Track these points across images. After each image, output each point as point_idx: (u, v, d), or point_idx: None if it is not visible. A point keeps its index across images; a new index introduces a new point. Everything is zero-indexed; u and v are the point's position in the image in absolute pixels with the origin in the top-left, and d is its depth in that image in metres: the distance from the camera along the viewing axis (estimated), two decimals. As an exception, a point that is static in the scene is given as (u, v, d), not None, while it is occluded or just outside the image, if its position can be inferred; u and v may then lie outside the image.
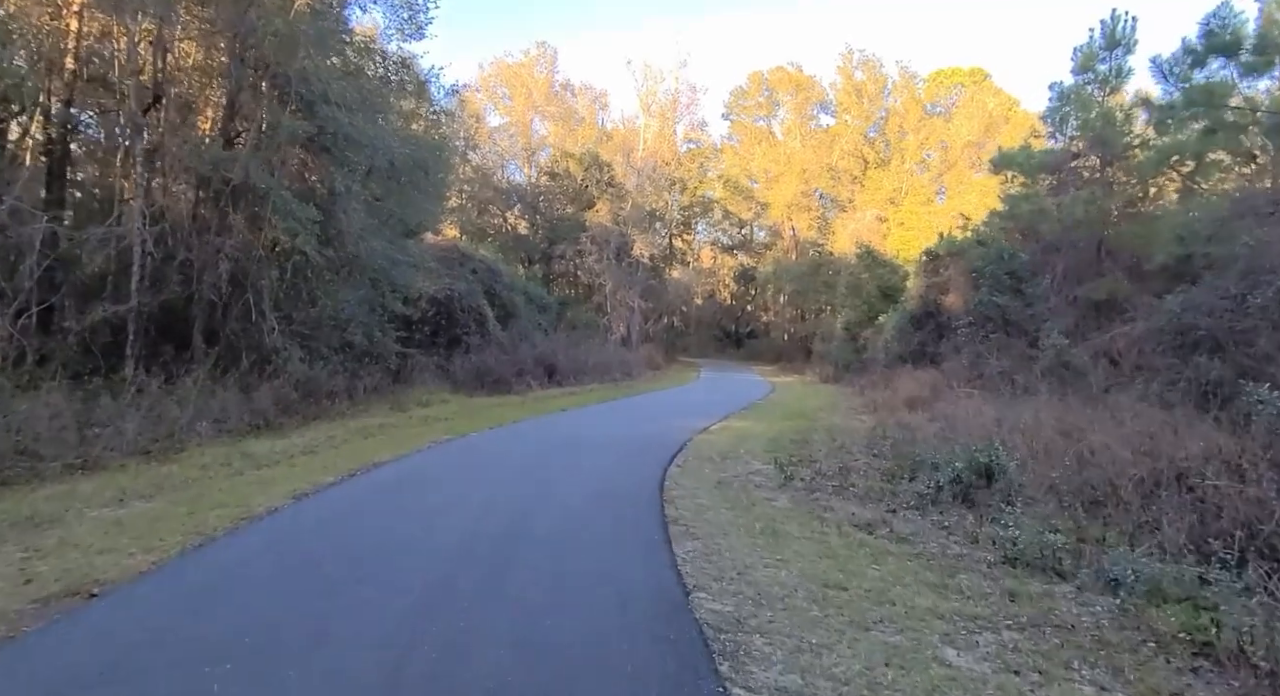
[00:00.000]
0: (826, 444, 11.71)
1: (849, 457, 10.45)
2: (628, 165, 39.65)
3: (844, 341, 29.93)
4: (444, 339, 18.97)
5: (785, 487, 7.94)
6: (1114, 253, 15.33)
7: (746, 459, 9.82)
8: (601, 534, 5.53)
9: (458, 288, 19.45)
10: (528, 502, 6.42)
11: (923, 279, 22.34)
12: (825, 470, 9.13)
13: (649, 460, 9.16)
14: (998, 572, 4.93)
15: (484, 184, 38.95)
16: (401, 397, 13.75)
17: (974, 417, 12.19)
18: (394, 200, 14.98)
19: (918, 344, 21.11)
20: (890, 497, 7.62)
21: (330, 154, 11.90)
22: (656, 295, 42.27)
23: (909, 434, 11.96)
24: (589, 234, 35.72)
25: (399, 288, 15.23)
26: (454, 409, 13.52)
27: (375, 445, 9.20)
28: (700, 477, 8.26)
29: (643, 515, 6.22)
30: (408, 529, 5.38)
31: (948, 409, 13.44)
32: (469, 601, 3.94)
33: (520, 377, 18.98)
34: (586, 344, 26.69)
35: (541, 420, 13.02)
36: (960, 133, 40.09)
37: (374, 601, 3.87)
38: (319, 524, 5.47)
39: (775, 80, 44.74)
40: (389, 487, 6.86)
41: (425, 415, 12.30)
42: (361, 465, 7.74)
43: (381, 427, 10.65)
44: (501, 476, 7.57)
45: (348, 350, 13.36)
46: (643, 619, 3.81)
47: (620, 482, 7.68)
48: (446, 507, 6.10)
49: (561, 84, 42.44)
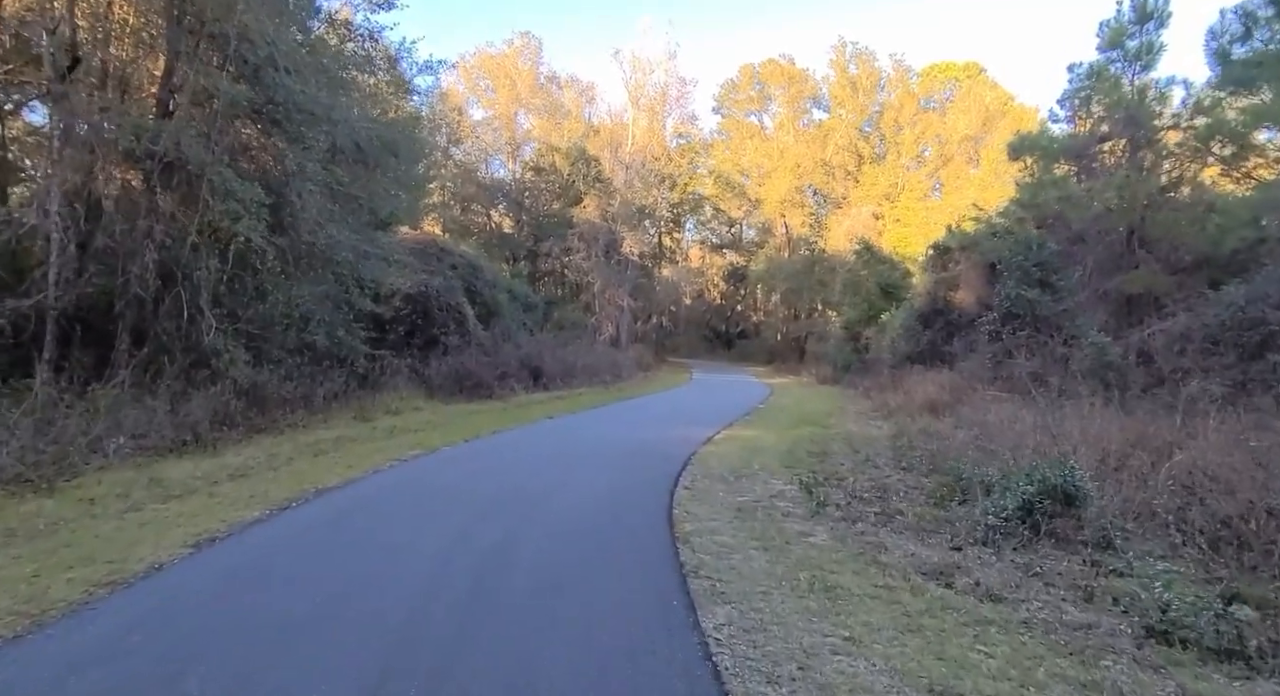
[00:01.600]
0: (848, 456, 10.37)
1: (877, 473, 9.11)
2: (616, 161, 38.24)
3: (843, 341, 28.70)
4: (420, 339, 17.45)
5: (819, 516, 6.57)
6: (1147, 242, 14.13)
7: (764, 476, 8.44)
8: (599, 596, 4.11)
9: (435, 284, 17.94)
10: (502, 548, 4.99)
11: (930, 274, 21.15)
12: (858, 490, 7.77)
13: (651, 480, 7.76)
14: (1151, 655, 3.56)
15: (467, 179, 37.41)
16: (368, 405, 12.25)
17: (1009, 425, 10.91)
18: (360, 186, 13.47)
19: (927, 343, 19.91)
20: (947, 528, 6.27)
21: (282, 129, 10.40)
22: (646, 294, 40.93)
23: (939, 443, 10.66)
24: (576, 231, 34.29)
25: (367, 283, 13.73)
26: (426, 417, 12.04)
27: (325, 465, 7.72)
28: (715, 503, 6.87)
29: (652, 563, 4.81)
30: (333, 594, 3.93)
31: (976, 414, 12.16)
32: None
33: (503, 381, 17.50)
34: (574, 345, 25.26)
35: (525, 430, 11.57)
36: (957, 127, 39.08)
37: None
38: (213, 589, 4.01)
39: (767, 73, 43.53)
40: (324, 527, 5.40)
41: (393, 425, 10.82)
42: (300, 493, 6.27)
43: (339, 442, 9.16)
44: (471, 508, 6.13)
45: (306, 352, 11.83)
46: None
47: (619, 513, 6.27)
48: (393, 559, 4.65)
49: (547, 76, 40.95)
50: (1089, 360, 11.40)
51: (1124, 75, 14.59)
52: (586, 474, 7.99)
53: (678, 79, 41.23)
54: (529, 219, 37.13)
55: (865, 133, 41.86)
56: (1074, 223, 13.85)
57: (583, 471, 8.14)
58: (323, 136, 10.92)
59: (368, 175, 13.74)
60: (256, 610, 3.67)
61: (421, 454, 8.74)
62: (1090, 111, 16.19)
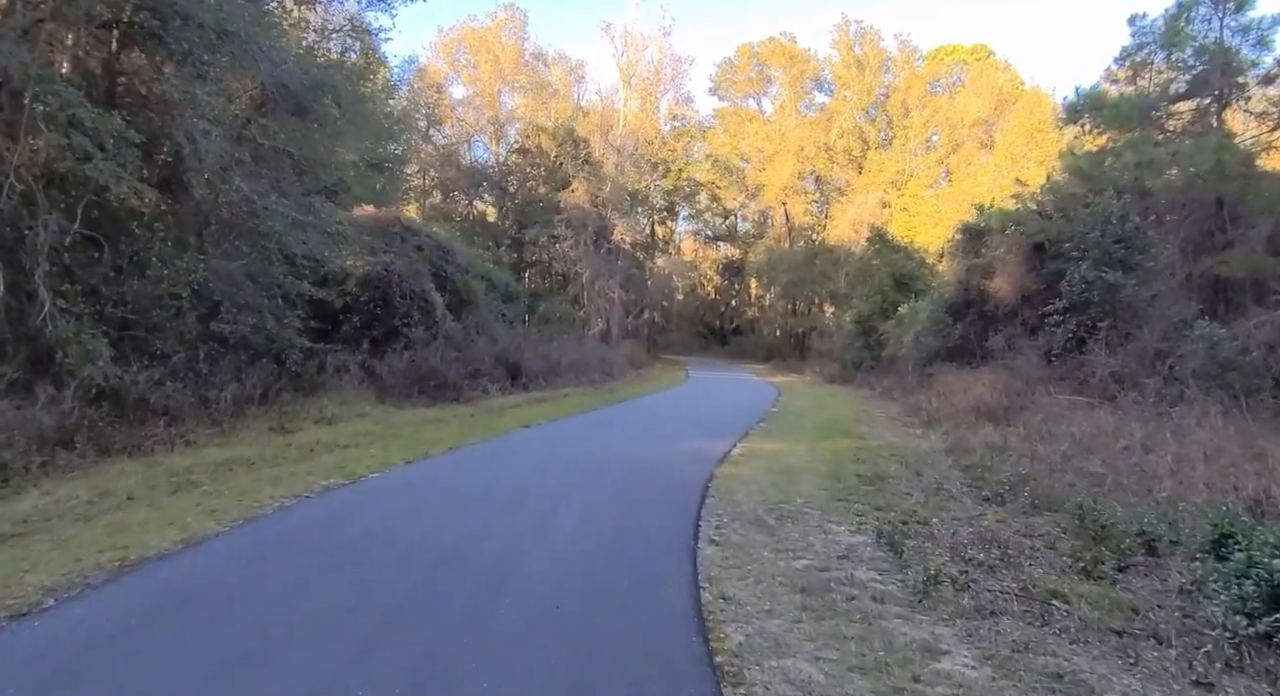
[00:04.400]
0: (908, 480, 7.97)
1: (961, 508, 6.72)
2: (606, 144, 35.72)
3: (853, 337, 26.35)
4: (378, 331, 14.88)
5: (930, 600, 4.17)
6: (1241, 217, 11.84)
7: (814, 516, 6.03)
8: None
9: (396, 267, 15.38)
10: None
11: (960, 261, 18.81)
12: (960, 543, 5.38)
13: (660, 531, 5.34)
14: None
15: (447, 162, 34.75)
16: (296, 412, 9.73)
17: (1106, 439, 8.58)
18: (292, 140, 10.95)
19: (958, 338, 17.59)
20: (1144, 625, 3.90)
21: (164, 46, 7.84)
22: (638, 286, 38.45)
23: (1019, 463, 8.30)
24: (564, 217, 31.74)
25: (302, 260, 11.20)
26: (367, 428, 9.52)
27: (172, 511, 5.22)
28: (762, 575, 4.45)
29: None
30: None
31: (1052, 424, 9.83)
32: None
33: (474, 381, 14.99)
34: (560, 340, 22.79)
35: (491, 445, 9.08)
36: (968, 110, 36.82)
37: None
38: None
39: (767, 53, 41.06)
40: (64, 673, 2.93)
41: (317, 440, 8.30)
42: (61, 582, 3.77)
43: (225, 468, 6.64)
44: (362, 617, 3.67)
45: (215, 346, 9.31)
46: None
47: (618, 610, 3.84)
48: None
49: (533, 53, 38.31)
50: (1199, 357, 9.08)
51: (1211, 18, 12.28)
52: (567, 520, 5.54)
53: (672, 57, 38.74)
54: (513, 205, 34.54)
55: (871, 116, 39.53)
56: (1157, 194, 11.56)
57: (562, 515, 5.68)
58: (222, 62, 8.35)
59: (302, 129, 11.21)
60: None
61: (337, 485, 6.25)
62: (1158, 68, 13.92)
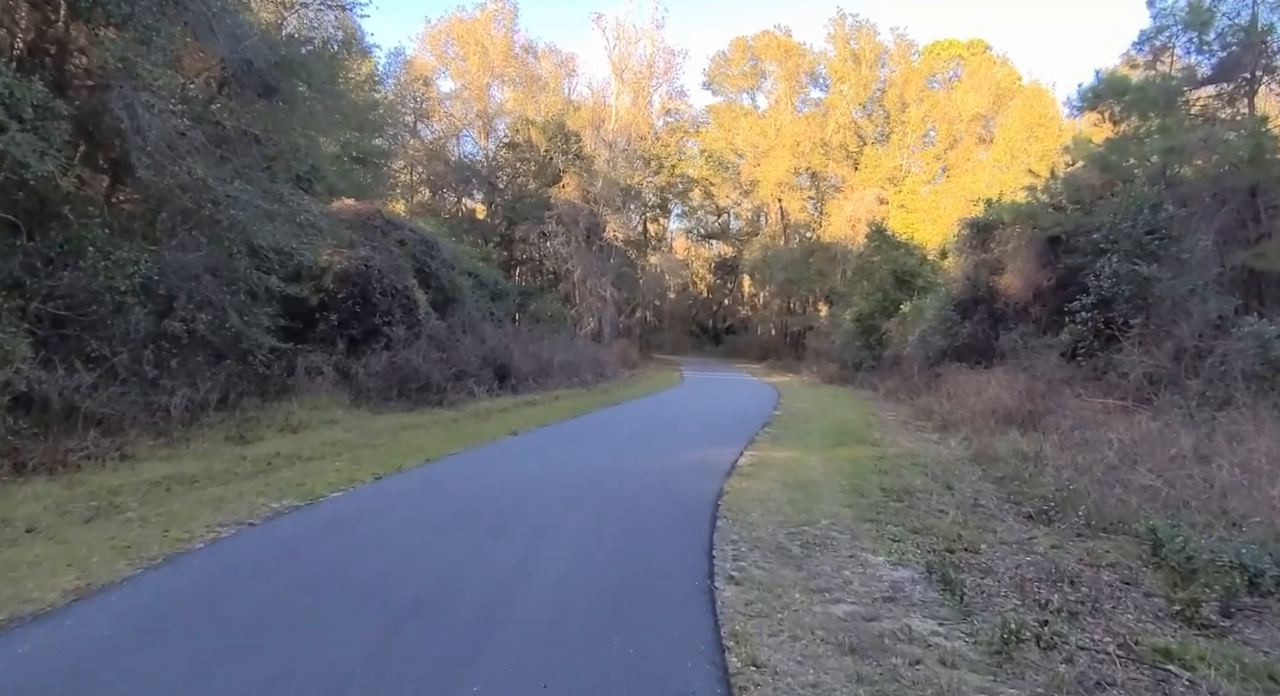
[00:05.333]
0: (937, 494, 7.15)
1: (1006, 529, 5.91)
2: (598, 139, 34.87)
3: (853, 335, 25.58)
4: (357, 330, 13.98)
5: (1011, 664, 3.34)
6: (1277, 207, 11.12)
7: (844, 541, 5.20)
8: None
9: (377, 262, 14.47)
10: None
11: (968, 256, 18.07)
12: (1019, 577, 4.56)
13: (667, 565, 4.49)
14: None
15: (435, 157, 33.75)
16: (259, 419, 8.81)
17: (1157, 447, 7.80)
18: (258, 123, 10.02)
19: (967, 337, 16.85)
20: (1276, 692, 3.10)
21: (101, 6, 6.90)
22: (630, 284, 37.59)
23: (1057, 474, 7.52)
24: (554, 213, 30.84)
25: (268, 253, 10.28)
26: (337, 436, 8.61)
27: (79, 546, 4.32)
28: (796, 622, 3.61)
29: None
30: None
31: (1088, 431, 9.05)
32: None
33: (459, 383, 14.09)
34: (551, 339, 21.91)
35: (474, 455, 8.20)
36: (966, 105, 36.15)
37: None
38: None
39: (761, 46, 40.29)
40: None
41: (277, 452, 7.39)
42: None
43: (157, 489, 5.72)
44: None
45: (166, 345, 8.38)
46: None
47: (624, 670, 3.00)
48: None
49: (523, 46, 37.36)
50: (1248, 357, 8.32)
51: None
52: (559, 554, 4.68)
53: (665, 50, 37.91)
54: (502, 201, 33.58)
55: (867, 111, 38.83)
56: (1187, 182, 10.81)
57: (553, 546, 4.82)
58: (174, 32, 7.43)
59: (271, 112, 10.29)
60: None
61: (289, 508, 5.37)
62: (1180, 51, 13.22)
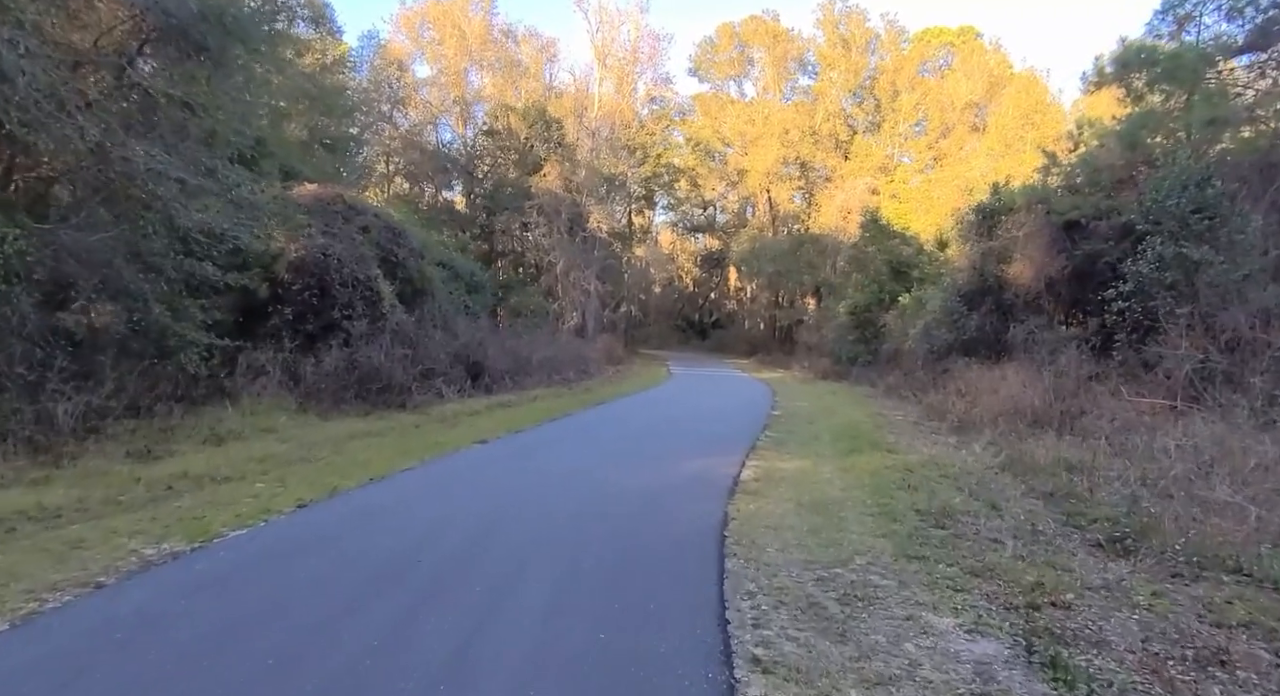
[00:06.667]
0: (983, 516, 6.01)
1: (1077, 563, 4.79)
2: (581, 127, 33.51)
3: (847, 329, 24.53)
4: (314, 324, 12.65)
5: None
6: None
7: (897, 595, 4.02)
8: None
9: (336, 250, 13.12)
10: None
11: (973, 244, 17.02)
12: (1147, 655, 3.42)
13: (668, 639, 3.28)
14: None
15: (410, 145, 32.22)
16: (178, 429, 7.49)
17: (1231, 456, 6.73)
18: (183, 87, 8.64)
19: (975, 330, 15.84)
20: None
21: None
22: (615, 278, 36.33)
23: (1118, 488, 6.43)
24: (535, 203, 29.48)
25: (205, 237, 8.94)
26: (271, 449, 7.30)
27: None
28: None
29: None
30: None
31: (1136, 435, 7.98)
32: None
33: (426, 382, 12.80)
34: (532, 335, 20.65)
35: (428, 473, 6.91)
36: (959, 93, 35.23)
37: None
38: None
39: (749, 32, 39.06)
40: None
41: (185, 472, 6.07)
42: None
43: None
44: None
45: (61, 342, 7.05)
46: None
47: None
48: None
49: (502, 29, 35.87)
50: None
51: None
52: (521, 624, 3.45)
53: (650, 35, 36.56)
54: (482, 191, 32.15)
55: (858, 99, 37.77)
56: (1233, 158, 9.78)
57: (514, 612, 3.58)
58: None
59: (199, 73, 8.91)
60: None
61: (168, 556, 4.09)
62: (1194, 27, 12.24)
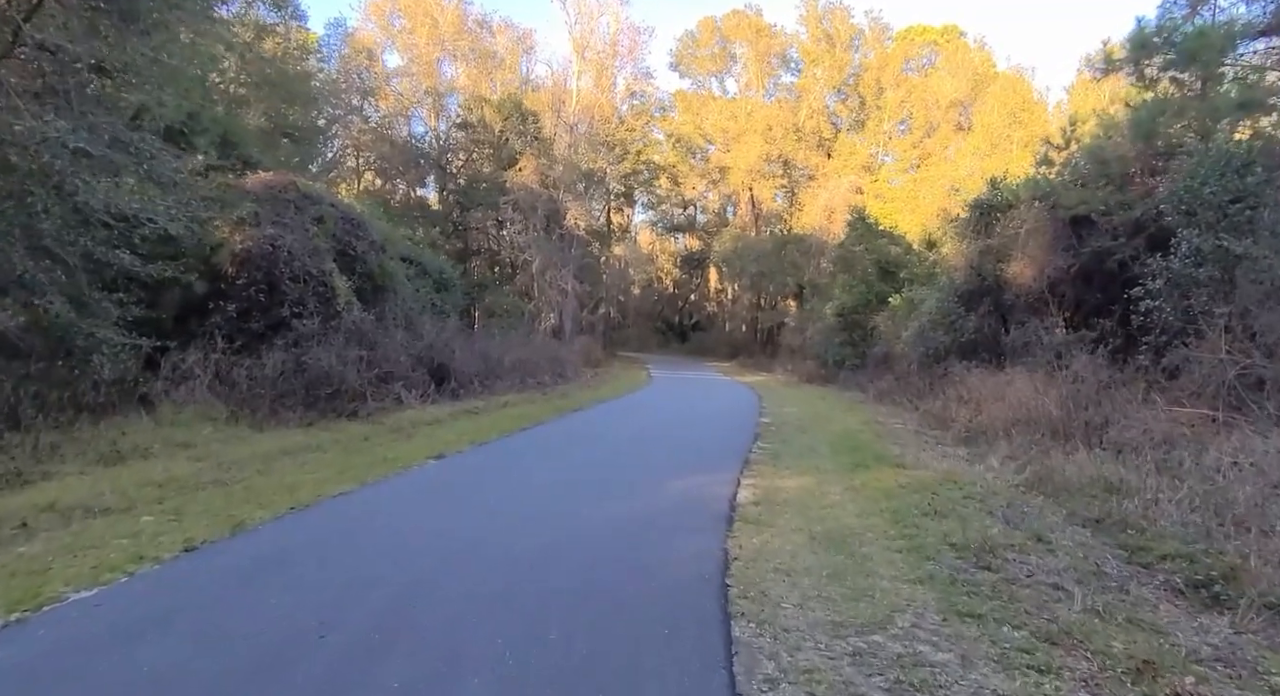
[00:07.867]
0: (1034, 552, 5.02)
1: (1169, 623, 3.81)
2: (559, 122, 32.33)
3: (833, 331, 23.69)
4: (261, 323, 11.43)
5: None
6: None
7: (958, 675, 2.99)
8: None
9: (287, 241, 11.89)
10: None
11: (970, 242, 16.20)
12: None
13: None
14: None
15: (380, 139, 30.83)
16: (65, 447, 6.24)
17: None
18: (86, 45, 7.39)
19: (973, 332, 15.01)
20: None
21: None
22: (593, 278, 35.23)
23: (1178, 515, 5.49)
24: (510, 198, 28.32)
25: (115, 220, 7.68)
26: (181, 469, 6.07)
27: None
28: None
29: None
30: None
31: (1181, 450, 7.08)
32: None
33: (384, 387, 11.59)
34: (505, 336, 19.48)
35: (363, 499, 5.72)
36: (944, 91, 34.71)
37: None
38: None
39: (730, 27, 38.23)
40: None
41: (51, 503, 4.84)
42: None
43: None
44: None
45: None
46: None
47: None
48: None
49: (476, 19, 34.60)
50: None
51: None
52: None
53: (630, 27, 35.50)
54: (455, 186, 30.88)
55: (842, 96, 37.11)
56: (1270, 143, 8.99)
57: None
58: None
59: (103, 25, 7.66)
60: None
61: None
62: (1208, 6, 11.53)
